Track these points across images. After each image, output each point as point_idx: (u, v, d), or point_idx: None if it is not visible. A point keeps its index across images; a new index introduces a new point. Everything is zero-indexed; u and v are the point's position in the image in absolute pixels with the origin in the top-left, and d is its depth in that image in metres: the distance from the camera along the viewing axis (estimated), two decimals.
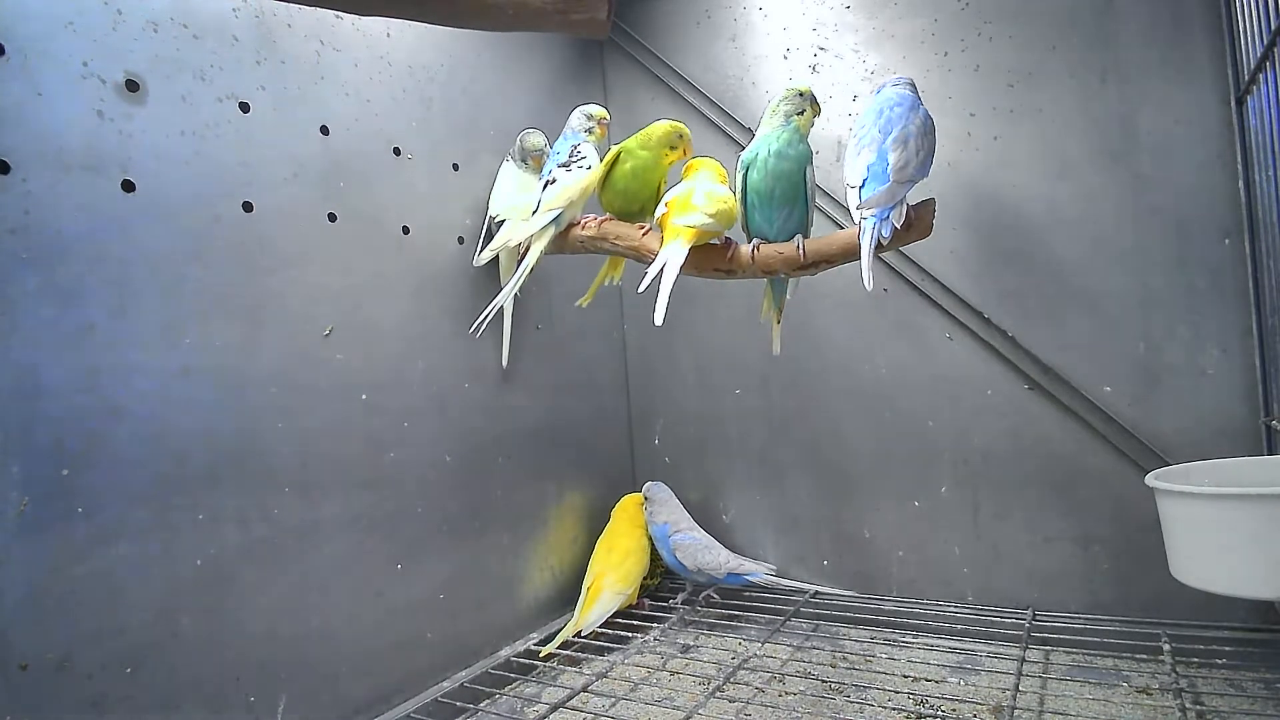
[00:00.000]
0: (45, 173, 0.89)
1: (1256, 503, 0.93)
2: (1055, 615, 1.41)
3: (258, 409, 1.09)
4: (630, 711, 1.24)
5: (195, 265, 1.03)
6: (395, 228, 1.33)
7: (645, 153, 1.35)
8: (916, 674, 1.31)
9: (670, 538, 1.64)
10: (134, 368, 0.95)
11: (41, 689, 0.85)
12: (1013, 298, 1.47)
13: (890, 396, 1.59)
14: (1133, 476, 1.34)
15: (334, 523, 1.18)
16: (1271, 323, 1.20)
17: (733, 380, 1.79)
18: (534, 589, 1.58)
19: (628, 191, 1.37)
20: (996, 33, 1.47)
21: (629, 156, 1.36)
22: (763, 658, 1.39)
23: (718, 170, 1.35)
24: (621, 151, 1.37)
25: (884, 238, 1.08)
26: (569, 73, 1.80)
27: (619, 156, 1.37)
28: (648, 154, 1.35)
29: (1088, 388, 1.40)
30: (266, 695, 1.06)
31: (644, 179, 1.36)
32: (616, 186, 1.38)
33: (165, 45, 1.01)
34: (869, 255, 1.07)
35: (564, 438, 1.69)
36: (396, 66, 1.35)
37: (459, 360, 1.43)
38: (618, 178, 1.37)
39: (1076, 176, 1.40)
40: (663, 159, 1.36)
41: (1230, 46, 1.27)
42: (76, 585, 0.88)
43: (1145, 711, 1.13)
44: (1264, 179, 1.17)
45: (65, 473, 0.88)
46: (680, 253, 1.20)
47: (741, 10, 1.75)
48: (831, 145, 1.63)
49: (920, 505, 1.57)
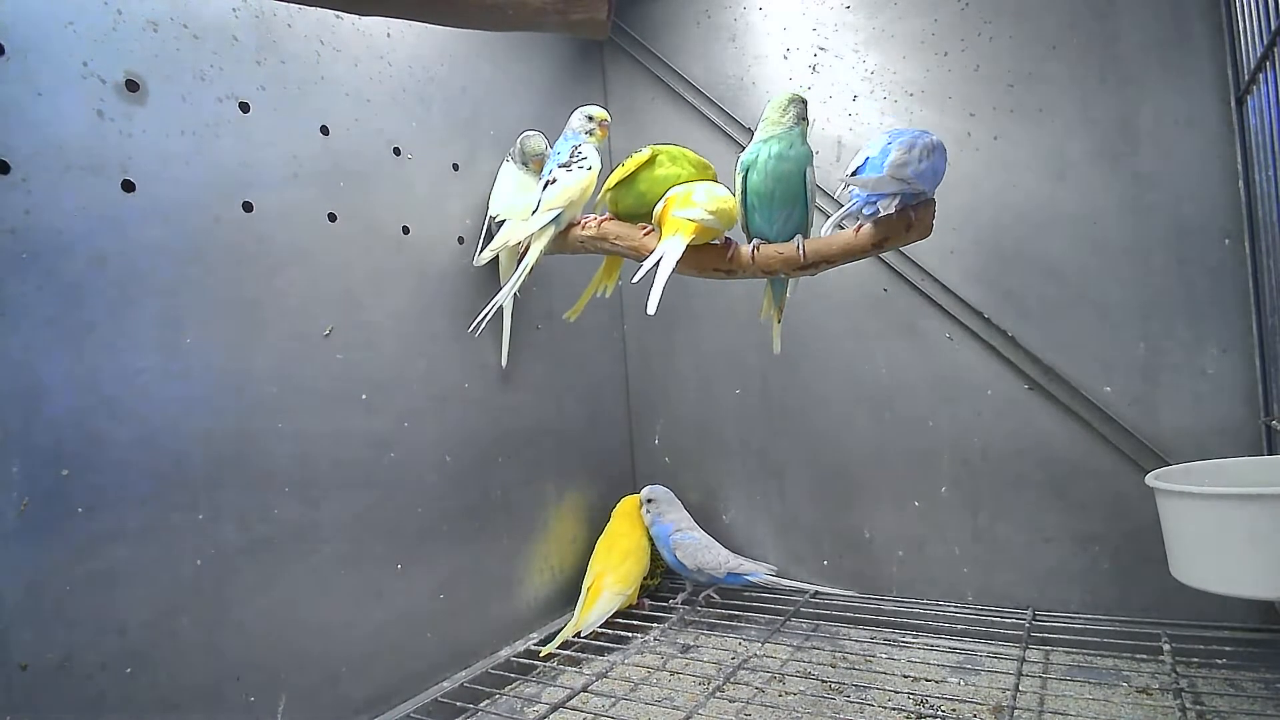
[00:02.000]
0: (45, 173, 0.89)
1: (1256, 503, 0.93)
2: (1055, 615, 1.41)
3: (258, 409, 1.09)
4: (630, 711, 1.24)
5: (195, 265, 1.03)
6: (395, 228, 1.33)
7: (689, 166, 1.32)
8: (916, 674, 1.31)
9: (670, 537, 1.64)
10: (134, 368, 0.95)
11: (41, 689, 0.85)
12: (1013, 298, 1.47)
13: (890, 396, 1.59)
14: (1133, 476, 1.34)
15: (334, 523, 1.18)
16: (1271, 323, 1.20)
17: (733, 380, 1.79)
18: (534, 589, 1.58)
19: (648, 194, 1.32)
20: (996, 33, 1.47)
21: (670, 163, 1.32)
22: (763, 658, 1.39)
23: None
24: (661, 155, 1.32)
25: (863, 214, 1.09)
26: (569, 73, 1.80)
27: (654, 159, 1.32)
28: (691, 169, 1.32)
29: (1088, 388, 1.40)
30: (266, 695, 1.06)
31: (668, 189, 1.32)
32: (639, 188, 1.33)
33: (165, 45, 1.01)
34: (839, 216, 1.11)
35: (564, 438, 1.69)
36: (396, 66, 1.35)
37: (459, 360, 1.43)
38: (643, 179, 1.33)
39: (1076, 176, 1.40)
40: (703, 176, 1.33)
41: (1230, 46, 1.27)
42: (76, 585, 0.88)
43: (1145, 711, 1.13)
44: (1264, 179, 1.17)
45: (65, 473, 0.88)
46: (678, 246, 1.20)
47: (741, 10, 1.75)
48: (831, 145, 1.63)
49: (920, 505, 1.57)
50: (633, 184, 1.34)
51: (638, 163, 1.33)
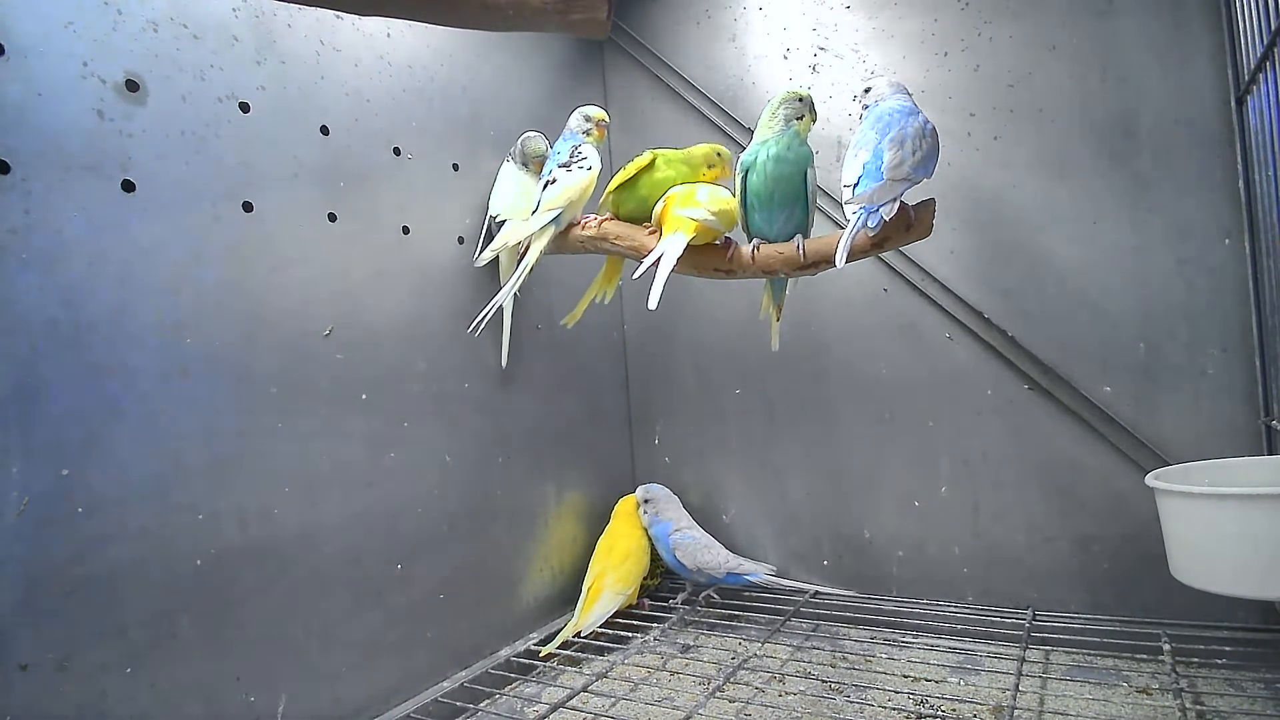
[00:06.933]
0: (45, 173, 0.89)
1: (1256, 503, 0.93)
2: (1055, 615, 1.41)
3: (258, 409, 1.09)
4: (630, 711, 1.24)
5: (195, 265, 1.03)
6: (395, 228, 1.33)
7: (685, 168, 1.33)
8: (916, 674, 1.31)
9: (670, 537, 1.64)
10: (134, 368, 0.95)
11: (41, 689, 0.85)
12: (1013, 298, 1.47)
13: (890, 396, 1.59)
14: (1133, 476, 1.34)
15: (334, 523, 1.18)
16: (1271, 323, 1.20)
17: (733, 380, 1.79)
18: (534, 589, 1.57)
19: (649, 198, 1.33)
20: (996, 33, 1.47)
21: (668, 166, 1.33)
22: (763, 658, 1.39)
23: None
24: (658, 158, 1.34)
25: (869, 229, 1.08)
26: (569, 73, 1.80)
27: (653, 162, 1.33)
28: (688, 170, 1.33)
29: (1088, 388, 1.40)
30: (266, 695, 1.06)
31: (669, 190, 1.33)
32: (640, 192, 1.34)
33: (165, 45, 1.01)
34: (848, 238, 1.08)
35: (564, 438, 1.69)
36: (396, 66, 1.35)
37: (459, 360, 1.43)
38: (644, 183, 1.34)
39: (1076, 176, 1.40)
40: (699, 177, 1.34)
41: (1230, 47, 1.27)
42: (76, 585, 0.88)
43: (1145, 711, 1.13)
44: (1264, 179, 1.16)
45: (65, 473, 0.88)
46: (679, 243, 1.20)
47: (741, 10, 1.75)
48: (831, 146, 1.63)
49: (920, 505, 1.57)
50: (634, 188, 1.35)
51: (638, 166, 1.34)
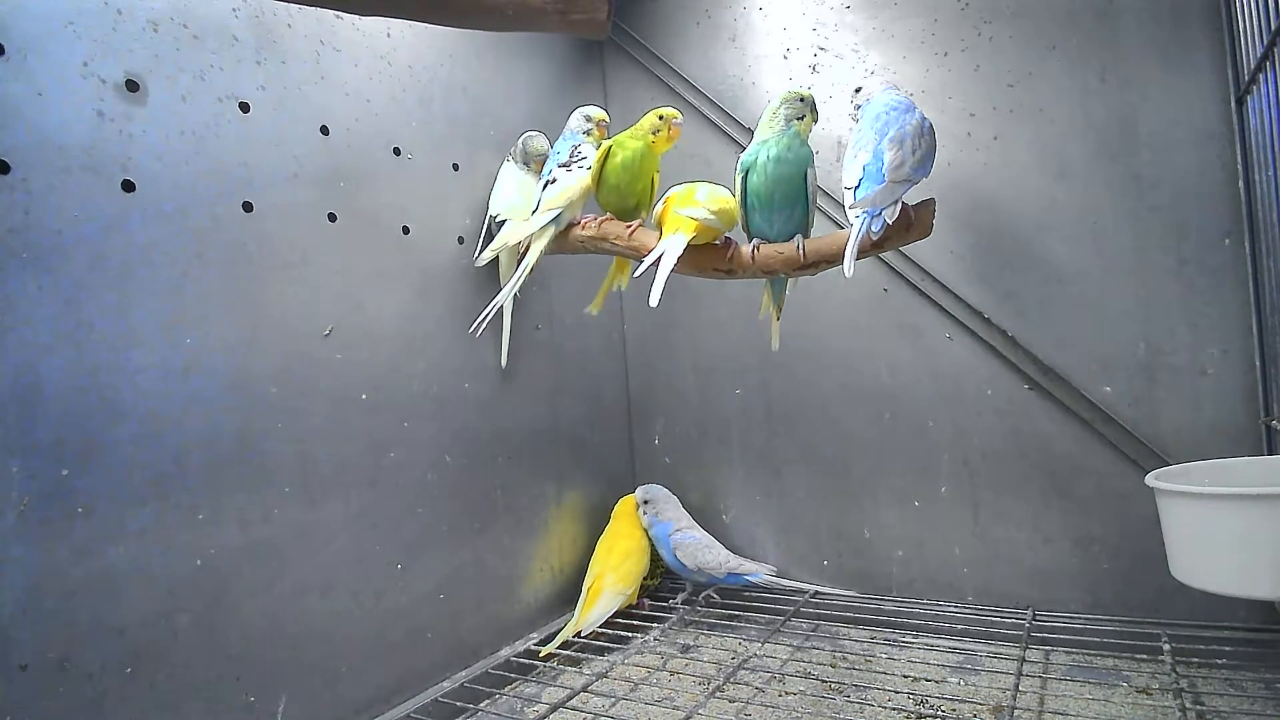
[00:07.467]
0: (45, 173, 0.89)
1: (1256, 503, 0.93)
2: (1055, 615, 1.41)
3: (258, 409, 1.09)
4: (630, 711, 1.24)
5: (195, 265, 1.03)
6: (395, 228, 1.33)
7: (635, 142, 1.34)
8: (916, 674, 1.31)
9: (670, 537, 1.64)
10: (134, 368, 0.95)
11: (41, 689, 0.85)
12: (1013, 298, 1.47)
13: (890, 396, 1.59)
14: (1133, 476, 1.34)
15: (334, 523, 1.18)
16: (1271, 323, 1.20)
17: (733, 380, 1.79)
18: (534, 589, 1.57)
19: (621, 186, 1.35)
20: (996, 33, 1.47)
21: (619, 149, 1.35)
22: (763, 658, 1.39)
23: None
24: (612, 145, 1.36)
25: (873, 233, 1.08)
26: (569, 73, 1.80)
27: (609, 151, 1.36)
28: (637, 143, 1.34)
29: (1088, 388, 1.40)
30: (266, 695, 1.06)
31: (635, 170, 1.34)
32: (610, 182, 1.36)
33: (165, 45, 1.01)
34: (854, 246, 1.08)
35: (564, 437, 1.69)
36: (396, 66, 1.35)
37: (459, 360, 1.43)
38: (610, 173, 1.36)
39: (1076, 176, 1.40)
40: (651, 147, 1.35)
41: (1230, 47, 1.27)
42: (76, 585, 0.88)
43: (1145, 711, 1.13)
44: (1264, 179, 1.17)
45: (65, 473, 0.88)
46: (680, 242, 1.21)
47: (741, 10, 1.75)
48: (832, 146, 1.63)
49: (920, 505, 1.57)
50: (605, 181, 1.37)
51: (599, 159, 1.36)
